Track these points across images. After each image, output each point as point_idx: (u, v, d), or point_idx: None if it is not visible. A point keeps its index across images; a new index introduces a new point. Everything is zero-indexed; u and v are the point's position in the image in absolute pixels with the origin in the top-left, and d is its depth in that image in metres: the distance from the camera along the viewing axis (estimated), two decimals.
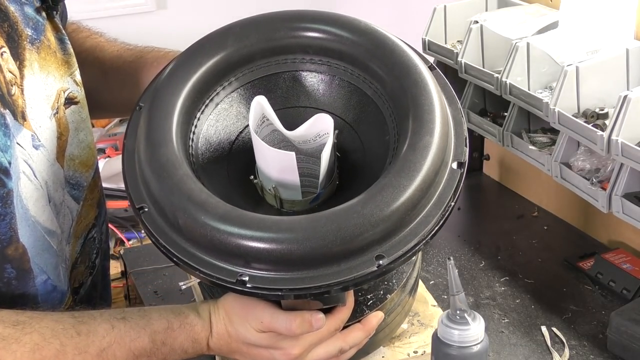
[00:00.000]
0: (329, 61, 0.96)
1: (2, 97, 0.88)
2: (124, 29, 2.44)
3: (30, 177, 0.92)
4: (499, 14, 1.48)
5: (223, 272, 0.81)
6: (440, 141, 0.84)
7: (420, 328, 1.09)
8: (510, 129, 1.39)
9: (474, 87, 1.47)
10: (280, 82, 0.97)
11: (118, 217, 1.90)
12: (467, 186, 1.68)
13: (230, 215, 0.81)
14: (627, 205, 1.16)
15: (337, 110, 0.96)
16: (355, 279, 0.79)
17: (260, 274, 0.80)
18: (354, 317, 0.93)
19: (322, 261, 0.79)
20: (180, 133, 0.89)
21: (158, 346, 0.87)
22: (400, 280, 1.00)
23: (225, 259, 0.81)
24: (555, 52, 1.30)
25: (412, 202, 0.81)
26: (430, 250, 1.40)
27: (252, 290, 0.80)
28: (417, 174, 0.81)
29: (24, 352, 0.81)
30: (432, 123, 0.85)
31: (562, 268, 1.35)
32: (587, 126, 1.19)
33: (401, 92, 0.88)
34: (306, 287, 0.79)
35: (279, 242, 0.79)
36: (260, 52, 0.95)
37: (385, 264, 0.80)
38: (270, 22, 0.96)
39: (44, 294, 0.96)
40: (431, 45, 1.52)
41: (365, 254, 0.80)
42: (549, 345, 1.15)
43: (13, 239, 0.90)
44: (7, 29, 0.91)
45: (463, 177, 0.87)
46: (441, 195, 0.85)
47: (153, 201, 0.86)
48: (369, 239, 0.79)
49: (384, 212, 0.79)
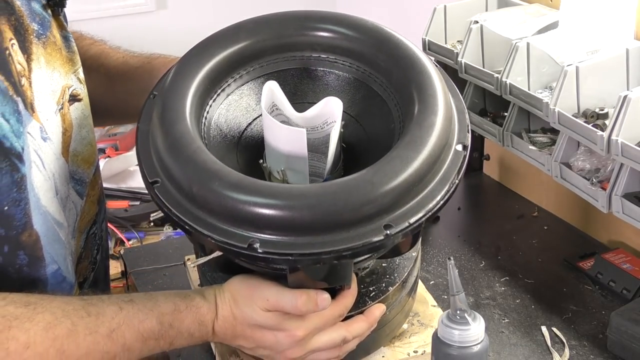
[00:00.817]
0: (336, 58, 0.99)
1: (15, 84, 0.89)
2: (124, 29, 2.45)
3: (40, 168, 0.93)
4: (499, 14, 1.48)
5: (235, 238, 0.83)
6: (444, 121, 0.88)
7: (420, 328, 1.09)
8: (510, 129, 1.39)
9: (474, 87, 1.47)
10: (288, 78, 1.00)
11: (118, 217, 1.90)
12: (467, 186, 1.68)
13: (243, 183, 0.84)
14: (627, 205, 1.16)
15: (343, 106, 0.98)
16: (364, 246, 0.81)
17: (271, 239, 0.82)
18: (356, 307, 0.95)
19: (332, 227, 0.81)
20: (193, 115, 0.92)
21: (165, 328, 0.88)
22: (401, 275, 1.02)
23: (238, 225, 0.83)
24: (555, 52, 1.30)
25: (419, 175, 0.84)
26: (430, 250, 1.40)
27: (263, 255, 0.81)
28: (424, 148, 0.85)
29: (37, 331, 0.82)
30: (436, 105, 0.89)
31: (562, 268, 1.35)
32: (587, 126, 1.19)
33: (406, 81, 0.92)
34: (316, 252, 0.81)
35: (290, 208, 0.81)
36: (271, 48, 0.99)
37: (392, 233, 0.82)
38: (280, 21, 0.99)
39: (54, 284, 0.96)
40: (431, 45, 1.52)
41: (373, 221, 0.82)
42: (549, 345, 1.15)
43: (27, 225, 0.91)
44: (14, 22, 0.92)
45: (466, 159, 0.90)
46: (446, 173, 0.87)
47: (167, 174, 0.88)
48: (377, 207, 0.82)
49: (393, 182, 0.82)
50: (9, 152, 0.88)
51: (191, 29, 1.24)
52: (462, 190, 1.68)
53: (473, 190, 1.68)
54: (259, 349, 0.93)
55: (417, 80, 0.91)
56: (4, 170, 0.87)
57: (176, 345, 0.90)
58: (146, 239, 1.93)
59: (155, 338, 0.88)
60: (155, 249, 1.42)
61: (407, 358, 1.05)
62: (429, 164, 0.85)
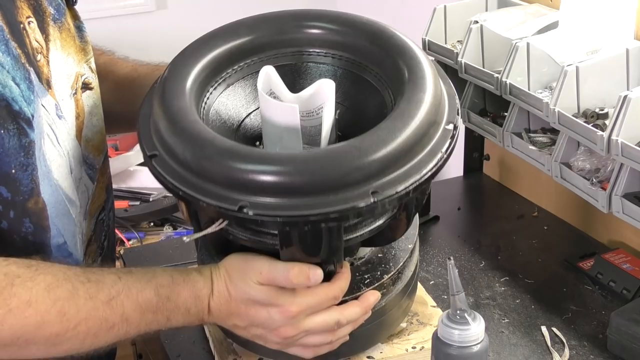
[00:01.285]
0: (333, 53, 1.03)
1: (28, 54, 0.92)
2: (124, 29, 2.45)
3: (54, 142, 0.95)
4: (499, 14, 1.48)
5: (227, 201, 0.85)
6: (433, 99, 0.91)
7: (419, 327, 1.10)
8: (510, 129, 1.39)
9: (474, 87, 1.47)
10: (287, 72, 1.03)
11: (118, 217, 1.90)
12: (467, 186, 1.68)
13: (235, 148, 0.88)
14: (627, 205, 1.16)
15: (339, 98, 1.02)
16: (352, 209, 0.84)
17: (261, 201, 0.84)
18: (351, 292, 0.97)
19: (320, 190, 0.84)
20: (192, 97, 0.95)
21: (163, 301, 0.89)
22: (397, 264, 1.03)
23: (230, 189, 0.85)
24: (555, 52, 1.30)
25: (406, 145, 0.87)
26: (430, 250, 1.40)
27: (253, 217, 0.84)
28: (411, 121, 0.88)
29: (39, 290, 0.83)
30: (425, 85, 0.92)
31: (562, 268, 1.35)
32: (587, 126, 1.19)
33: (397, 67, 0.96)
34: (304, 214, 0.84)
35: (280, 172, 0.84)
36: (270, 43, 1.03)
37: (379, 199, 0.84)
38: (279, 18, 1.04)
39: (59, 258, 0.98)
40: (431, 45, 1.52)
41: (361, 187, 0.84)
42: (549, 345, 1.15)
43: (34, 192, 0.93)
44: (33, 2, 0.96)
45: (456, 136, 0.92)
46: (434, 147, 0.90)
47: (164, 146, 0.91)
48: (365, 173, 0.85)
49: (380, 149, 0.85)
50: (18, 115, 0.90)
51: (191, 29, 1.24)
52: (462, 190, 1.68)
53: (473, 190, 1.68)
54: (252, 328, 0.94)
55: (408, 64, 0.95)
56: (11, 132, 0.90)
57: (173, 323, 0.91)
58: (146, 239, 1.93)
59: (153, 311, 0.89)
60: (155, 249, 1.42)
61: (406, 354, 1.05)
62: (416, 136, 0.88)
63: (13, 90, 0.89)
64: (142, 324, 0.89)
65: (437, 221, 1.51)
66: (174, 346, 1.15)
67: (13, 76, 0.89)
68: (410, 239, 1.07)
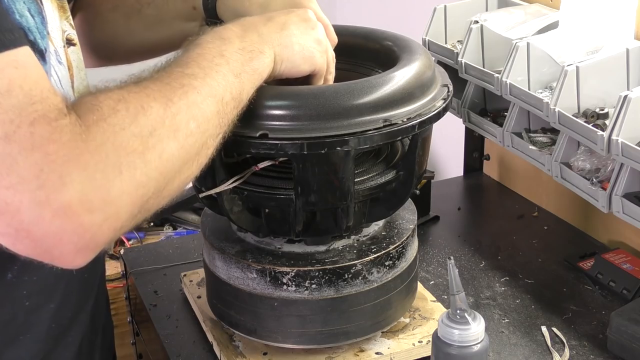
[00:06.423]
0: None
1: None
2: None
3: (57, 86, 0.95)
4: (499, 14, 1.48)
5: (247, 129, 0.92)
6: (427, 59, 1.03)
7: (422, 321, 1.13)
8: (510, 129, 1.39)
9: (474, 87, 1.48)
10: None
11: None
12: (467, 186, 1.68)
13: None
14: (627, 205, 1.16)
15: None
16: (364, 133, 0.92)
17: (280, 126, 0.92)
18: (359, 257, 1.05)
19: (336, 115, 0.93)
20: None
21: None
22: (400, 238, 1.09)
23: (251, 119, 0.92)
24: (555, 52, 1.30)
25: (411, 85, 0.98)
26: (430, 250, 1.40)
27: (273, 142, 0.92)
28: (412, 68, 1.00)
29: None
30: (418, 54, 1.04)
31: (562, 268, 1.35)
32: (587, 126, 1.19)
33: (391, 51, 1.07)
34: (321, 137, 0.92)
35: (298, 96, 0.94)
36: None
37: (390, 123, 0.94)
38: None
39: None
40: (431, 45, 1.52)
41: (374, 114, 0.94)
42: (549, 345, 1.15)
43: None
44: None
45: (451, 95, 1.03)
46: (435, 96, 1.01)
47: None
48: (377, 100, 0.95)
49: (387, 82, 0.97)
50: (33, 45, 0.90)
51: None
52: (462, 190, 1.68)
53: (473, 190, 1.68)
54: None
55: (402, 45, 1.07)
56: None
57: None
58: (146, 239, 1.93)
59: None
60: (155, 249, 1.42)
61: (413, 348, 1.07)
62: (417, 79, 0.99)
63: (29, 21, 0.89)
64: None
65: (437, 221, 1.51)
66: (174, 346, 1.15)
67: (29, 7, 0.90)
68: (410, 221, 1.12)
